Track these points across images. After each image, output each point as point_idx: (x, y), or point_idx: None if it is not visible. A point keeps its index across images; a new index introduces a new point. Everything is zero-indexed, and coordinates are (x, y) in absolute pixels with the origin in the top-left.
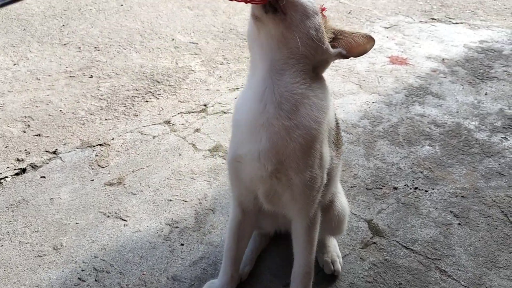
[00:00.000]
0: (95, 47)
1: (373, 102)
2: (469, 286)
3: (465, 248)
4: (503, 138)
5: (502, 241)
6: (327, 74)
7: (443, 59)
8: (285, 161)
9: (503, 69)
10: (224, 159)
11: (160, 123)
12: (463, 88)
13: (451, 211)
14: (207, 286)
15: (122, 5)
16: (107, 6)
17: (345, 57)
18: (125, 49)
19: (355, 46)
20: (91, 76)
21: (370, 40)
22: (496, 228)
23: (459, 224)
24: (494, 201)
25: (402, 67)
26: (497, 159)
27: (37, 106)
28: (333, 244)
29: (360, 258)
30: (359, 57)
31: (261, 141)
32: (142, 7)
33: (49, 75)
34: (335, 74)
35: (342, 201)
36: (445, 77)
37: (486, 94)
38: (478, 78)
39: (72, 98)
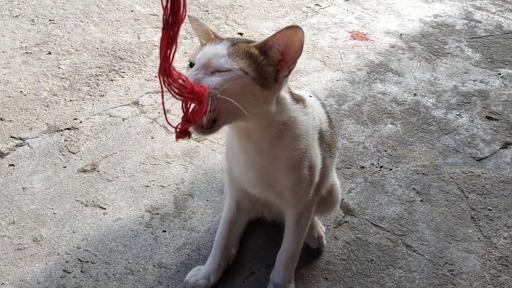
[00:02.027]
0: (50, 20)
1: (337, 80)
2: (432, 259)
3: (428, 223)
4: (457, 115)
5: (459, 215)
6: None
7: (401, 35)
8: (273, 185)
9: (456, 45)
10: (198, 141)
11: (128, 104)
12: (420, 65)
13: (413, 188)
14: (193, 272)
15: None
16: None
17: (289, 70)
18: (82, 21)
19: (288, 47)
20: (50, 53)
21: (297, 29)
22: (454, 204)
23: (421, 200)
24: (451, 177)
25: (363, 42)
26: (453, 136)
27: None
28: (316, 220)
29: (334, 237)
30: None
31: (247, 172)
32: None
33: (3, 51)
34: None
35: (337, 188)
36: (403, 53)
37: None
38: (433, 54)
39: (32, 78)
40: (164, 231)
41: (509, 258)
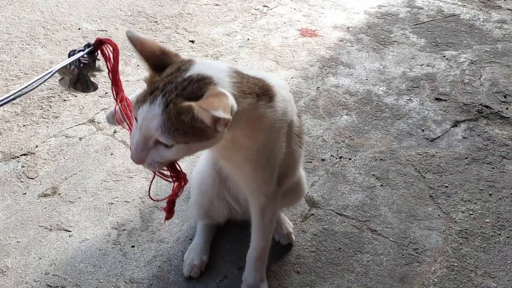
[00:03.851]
0: None
1: (291, 77)
2: (396, 241)
3: (389, 206)
4: (408, 100)
5: (418, 195)
6: (245, 53)
7: (348, 28)
8: (234, 160)
9: (401, 33)
10: None
11: (84, 123)
12: (369, 55)
13: (373, 175)
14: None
15: None
16: None
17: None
18: (29, 44)
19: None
20: None
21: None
22: (412, 185)
23: (381, 185)
24: (407, 160)
25: (312, 39)
26: (406, 120)
27: None
28: (283, 217)
29: (302, 230)
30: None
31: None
32: None
33: None
34: (252, 52)
35: (303, 179)
36: (352, 46)
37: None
38: (381, 44)
39: None
40: (133, 246)
41: (468, 231)
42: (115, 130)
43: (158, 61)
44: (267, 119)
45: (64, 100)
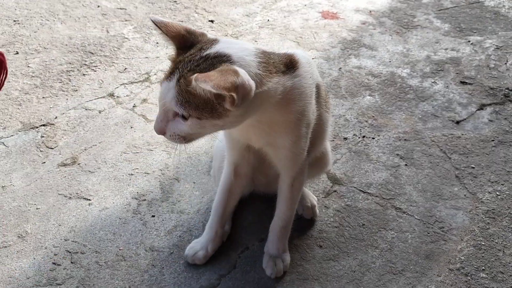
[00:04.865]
0: (14, 20)
1: (312, 58)
2: (422, 219)
3: (414, 186)
4: (433, 82)
5: (444, 175)
6: (265, 33)
7: (370, 11)
8: (273, 143)
9: (424, 17)
10: None
11: (103, 97)
12: (392, 38)
13: (397, 154)
14: (192, 244)
15: None
16: None
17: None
18: (48, 20)
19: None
20: (17, 53)
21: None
22: (438, 165)
23: (405, 165)
24: (433, 141)
25: (334, 21)
26: (430, 102)
27: None
28: (307, 191)
29: (325, 206)
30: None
31: (247, 132)
32: None
33: None
34: (272, 32)
35: (329, 149)
36: (374, 29)
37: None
38: (404, 28)
39: None
40: (153, 216)
41: (496, 211)
42: (134, 104)
43: (184, 40)
44: (297, 89)
45: (84, 75)
